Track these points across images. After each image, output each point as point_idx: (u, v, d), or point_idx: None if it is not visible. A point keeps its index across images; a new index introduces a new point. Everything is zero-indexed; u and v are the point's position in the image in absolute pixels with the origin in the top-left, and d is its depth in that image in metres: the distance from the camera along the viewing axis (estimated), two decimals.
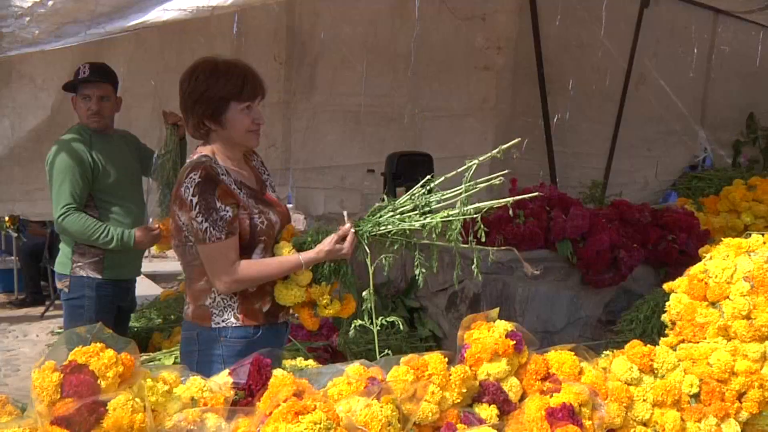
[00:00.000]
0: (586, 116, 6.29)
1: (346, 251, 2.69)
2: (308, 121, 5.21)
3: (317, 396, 1.98)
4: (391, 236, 2.75)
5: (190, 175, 2.58)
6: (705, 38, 6.49)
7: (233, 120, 2.67)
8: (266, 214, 2.72)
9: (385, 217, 2.76)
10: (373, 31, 5.25)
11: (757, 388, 2.64)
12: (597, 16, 6.00)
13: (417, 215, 2.71)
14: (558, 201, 4.26)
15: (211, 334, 2.71)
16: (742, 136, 6.49)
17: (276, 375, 2.09)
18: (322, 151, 5.33)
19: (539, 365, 2.42)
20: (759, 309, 2.75)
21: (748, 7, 5.23)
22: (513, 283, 4.09)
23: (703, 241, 4.28)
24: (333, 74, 5.20)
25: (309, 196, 5.41)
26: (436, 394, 2.18)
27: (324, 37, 5.08)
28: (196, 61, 2.71)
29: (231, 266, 2.61)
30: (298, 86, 5.11)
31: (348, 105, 5.35)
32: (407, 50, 5.42)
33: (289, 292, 2.72)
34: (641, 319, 3.70)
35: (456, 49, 5.61)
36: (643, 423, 2.57)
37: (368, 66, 5.28)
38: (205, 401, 2.00)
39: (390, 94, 5.46)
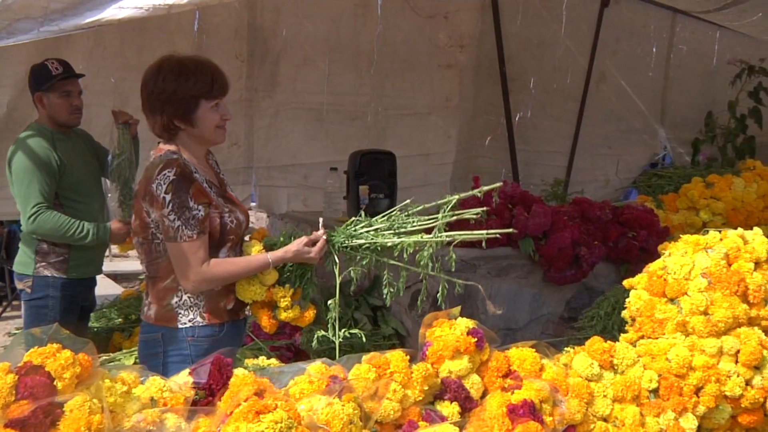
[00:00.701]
0: (547, 114, 6.34)
1: (313, 255, 2.72)
2: (271, 119, 5.18)
3: (278, 395, 1.97)
4: (362, 250, 2.78)
5: (163, 172, 2.56)
6: (664, 37, 6.57)
7: (203, 118, 2.67)
8: (234, 213, 2.74)
9: (359, 231, 2.79)
10: (335, 29, 5.24)
11: (714, 383, 2.68)
12: (558, 15, 6.05)
13: (391, 234, 2.75)
14: (520, 199, 4.27)
15: (178, 334, 2.69)
16: (701, 135, 6.56)
17: (237, 374, 2.08)
18: (284, 149, 5.30)
19: (500, 362, 2.44)
20: (716, 305, 2.79)
21: (705, 8, 5.30)
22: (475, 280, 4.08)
23: (662, 238, 4.32)
24: (295, 72, 5.18)
25: (272, 195, 5.38)
26: (397, 392, 2.19)
27: (286, 34, 5.05)
28: (159, 60, 2.69)
29: (200, 265, 2.60)
30: (260, 84, 5.08)
31: (311, 103, 5.33)
32: (370, 48, 5.41)
33: (250, 288, 2.72)
34: (602, 315, 3.73)
35: (419, 48, 5.62)
36: (604, 418, 2.60)
37: (331, 64, 5.27)
38: (164, 401, 1.98)
39: (353, 92, 5.45)
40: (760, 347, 2.72)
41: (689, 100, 6.79)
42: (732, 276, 2.83)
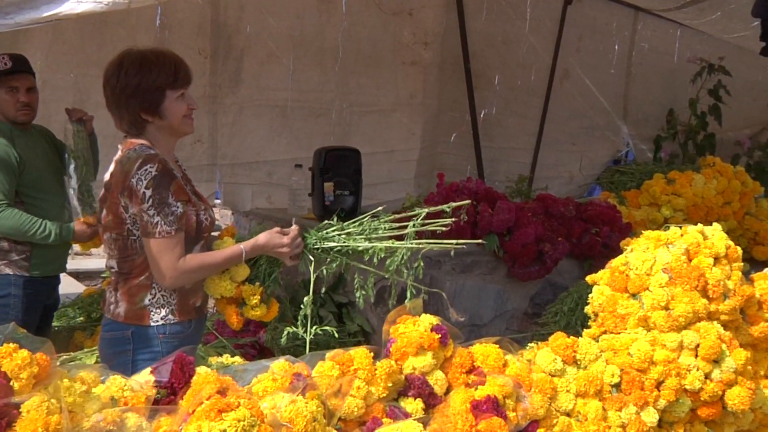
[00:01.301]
0: (512, 111, 6.37)
1: (284, 243, 2.71)
2: (235, 116, 5.14)
3: (241, 393, 1.95)
4: (333, 253, 2.81)
5: (144, 167, 2.54)
6: (626, 35, 6.64)
7: (171, 108, 2.65)
8: (207, 210, 2.74)
9: (331, 234, 2.82)
10: (299, 25, 5.21)
11: (675, 377, 2.71)
12: (522, 12, 6.09)
13: (363, 239, 2.79)
14: (485, 195, 4.29)
15: (149, 332, 2.68)
16: (663, 132, 6.65)
17: (199, 372, 2.06)
18: (249, 146, 5.27)
19: (464, 358, 2.44)
20: (677, 300, 2.82)
21: (666, 6, 5.36)
22: (441, 277, 4.11)
23: (625, 233, 4.37)
24: (259, 68, 5.15)
25: (236, 192, 5.34)
26: (361, 388, 2.18)
27: (250, 30, 5.01)
28: (119, 55, 2.66)
29: (177, 261, 2.59)
30: (224, 80, 5.04)
31: (275, 99, 5.29)
32: (335, 45, 5.40)
33: (221, 284, 2.71)
34: (565, 311, 3.76)
35: (383, 44, 5.61)
36: (567, 413, 2.62)
37: (295, 60, 5.24)
38: (125, 401, 1.96)
39: (317, 89, 5.43)
40: (719, 341, 2.76)
41: (651, 97, 6.87)
42: (692, 271, 2.87)
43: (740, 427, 2.93)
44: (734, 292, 2.90)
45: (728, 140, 6.93)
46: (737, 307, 2.90)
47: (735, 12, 5.00)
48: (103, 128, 3.71)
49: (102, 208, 2.70)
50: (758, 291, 3.13)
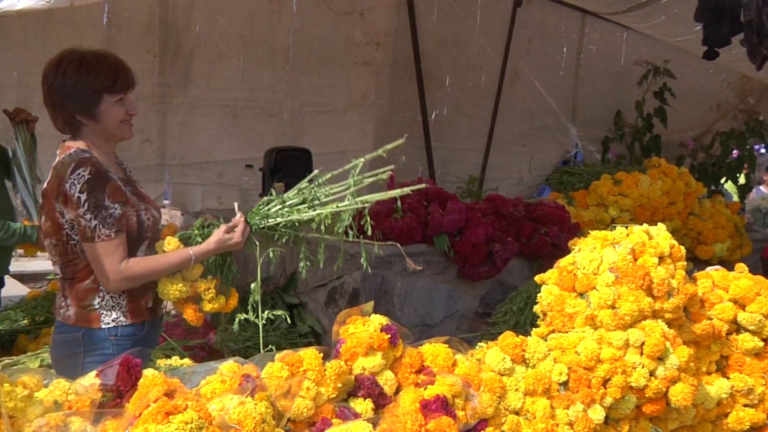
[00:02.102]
0: (463, 112, 6.41)
1: (235, 241, 2.68)
2: (184, 116, 5.09)
3: (189, 395, 1.93)
4: (279, 229, 2.75)
5: (77, 171, 2.49)
6: (574, 38, 6.73)
7: (107, 113, 2.61)
8: (150, 210, 2.70)
9: (274, 209, 2.76)
10: (250, 24, 5.18)
11: (620, 374, 2.75)
12: (472, 13, 6.13)
13: (306, 208, 2.73)
14: (435, 196, 4.31)
15: (100, 334, 2.63)
16: (610, 133, 6.76)
17: (146, 375, 2.03)
18: (199, 146, 5.22)
19: (414, 358, 2.45)
20: (623, 299, 2.86)
21: (613, 9, 5.44)
22: (392, 277, 4.12)
23: (573, 233, 4.43)
24: (209, 68, 5.10)
25: (186, 192, 5.29)
26: (311, 389, 2.18)
27: (199, 30, 4.97)
28: (60, 53, 2.61)
29: (119, 264, 2.55)
30: (173, 80, 4.98)
31: (225, 99, 5.26)
32: (286, 45, 5.38)
33: (174, 287, 2.66)
34: (515, 310, 3.81)
35: (335, 45, 5.61)
36: (516, 411, 2.64)
37: (246, 60, 5.21)
38: (69, 404, 1.92)
39: (269, 89, 5.41)
40: (663, 339, 2.81)
41: (599, 99, 6.98)
42: (638, 270, 2.91)
43: (683, 423, 2.99)
44: (678, 291, 2.95)
45: (673, 142, 7.08)
46: (681, 305, 2.95)
47: (679, 16, 5.10)
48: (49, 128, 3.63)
49: (41, 215, 2.66)
50: (700, 289, 3.20)
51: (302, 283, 4.48)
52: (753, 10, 3.79)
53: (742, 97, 7.54)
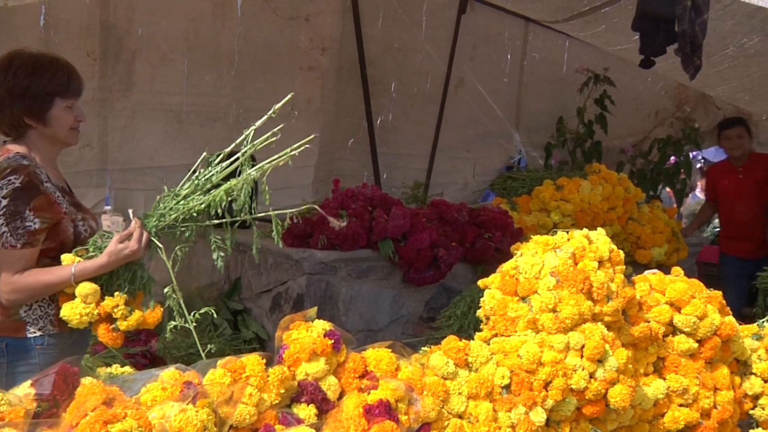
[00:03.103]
0: (408, 118, 6.44)
1: (131, 249, 2.51)
2: (126, 120, 5.01)
3: (129, 403, 1.91)
4: (179, 225, 2.60)
5: (8, 177, 2.45)
6: (517, 45, 6.81)
7: (58, 117, 2.58)
8: (87, 221, 2.66)
9: (168, 206, 2.62)
10: (194, 28, 5.13)
11: (561, 377, 2.80)
12: (417, 20, 6.16)
13: (201, 194, 2.59)
14: (380, 201, 4.33)
15: (25, 343, 2.58)
16: (553, 139, 6.85)
17: (84, 383, 2.00)
18: (142, 151, 5.14)
19: (357, 363, 2.46)
20: (563, 302, 2.91)
21: (554, 18, 5.53)
22: (337, 283, 4.13)
23: (516, 238, 4.49)
24: (152, 72, 5.03)
25: (128, 198, 5.20)
26: (253, 395, 2.17)
27: (142, 33, 4.89)
28: (9, 55, 2.58)
29: (12, 276, 2.47)
30: (115, 84, 4.90)
31: (169, 104, 5.19)
32: (230, 49, 5.33)
33: (75, 312, 2.49)
34: (458, 315, 3.84)
35: (280, 49, 5.58)
36: (459, 415, 2.68)
37: (190, 64, 5.15)
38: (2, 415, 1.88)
39: (213, 93, 5.35)
40: (603, 342, 2.87)
41: (542, 105, 7.07)
42: (578, 274, 2.96)
43: (621, 423, 3.05)
44: (617, 294, 3.02)
45: (613, 148, 7.21)
46: (620, 308, 3.02)
47: (618, 26, 5.20)
48: None
49: None
50: (639, 293, 3.27)
51: (247, 289, 4.46)
52: (686, 21, 3.89)
53: (678, 105, 7.72)
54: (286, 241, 4.23)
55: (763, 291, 4.87)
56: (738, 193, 6.14)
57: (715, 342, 3.26)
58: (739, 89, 6.35)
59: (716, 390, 3.26)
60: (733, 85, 6.30)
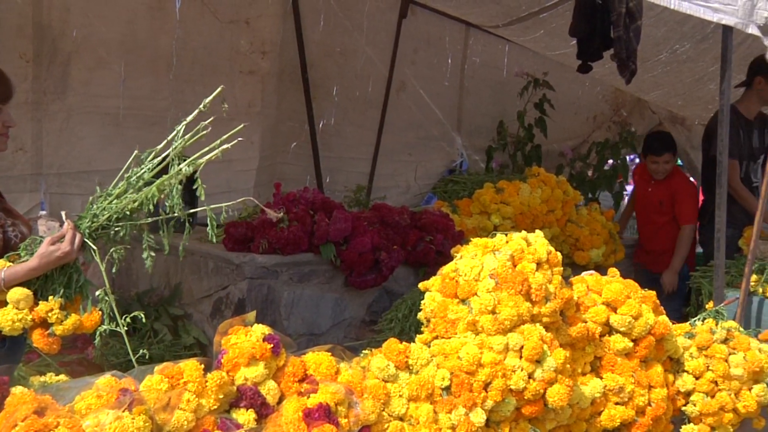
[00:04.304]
0: (350, 122, 6.44)
1: (63, 251, 2.43)
2: (62, 123, 4.90)
3: (62, 412, 1.88)
4: (113, 224, 2.54)
5: None
6: (458, 49, 6.87)
7: None
8: (18, 226, 2.59)
9: (101, 206, 2.56)
10: (130, 31, 5.04)
11: (501, 378, 2.83)
12: (358, 24, 6.17)
13: (133, 193, 2.54)
14: (321, 205, 4.32)
15: None
16: (494, 143, 6.93)
17: (14, 393, 1.95)
18: (78, 154, 5.03)
19: (297, 367, 2.45)
20: (502, 304, 2.95)
21: (494, 23, 5.60)
22: (278, 287, 4.10)
23: (458, 241, 4.51)
24: (88, 75, 4.93)
25: (64, 203, 5.08)
26: (191, 401, 2.15)
27: (77, 35, 4.79)
28: None
29: None
30: (49, 86, 4.79)
31: (106, 107, 5.09)
32: (169, 52, 5.26)
33: (7, 318, 2.40)
34: (400, 318, 3.86)
35: (220, 53, 5.53)
36: (400, 417, 2.69)
37: (127, 67, 5.06)
38: None
39: (151, 97, 5.27)
40: (541, 342, 2.91)
41: (483, 109, 7.14)
42: (516, 276, 3.00)
43: (560, 422, 3.10)
44: (555, 296, 3.07)
45: (553, 151, 7.33)
46: (557, 309, 3.07)
47: (556, 30, 5.30)
48: None
49: None
50: (576, 294, 3.33)
51: (187, 294, 4.40)
52: (621, 27, 3.98)
53: (615, 109, 7.89)
54: (226, 246, 4.19)
55: (696, 290, 4.99)
56: (644, 204, 6.06)
57: (650, 341, 3.34)
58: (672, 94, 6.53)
59: (650, 388, 3.34)
60: (666, 90, 6.47)
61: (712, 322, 3.78)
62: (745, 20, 3.64)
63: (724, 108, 3.99)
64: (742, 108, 5.30)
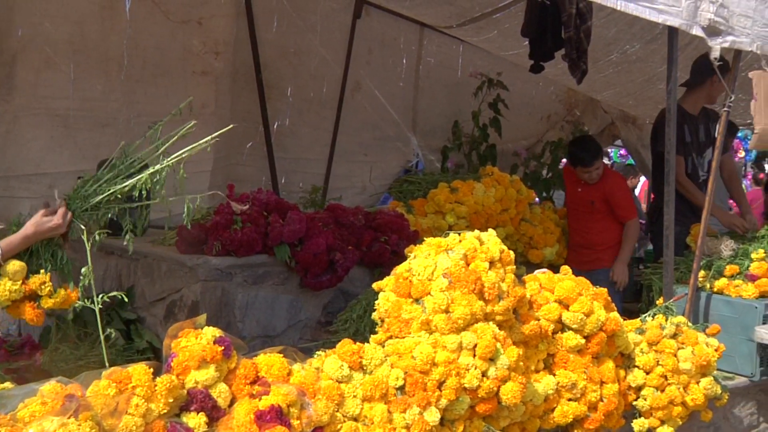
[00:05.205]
0: (305, 122, 6.41)
1: (55, 222, 2.58)
2: (9, 125, 4.80)
3: (3, 420, 1.83)
4: (103, 206, 2.72)
5: None
6: (413, 50, 6.87)
7: None
8: None
9: (91, 188, 2.72)
10: (79, 31, 4.96)
11: (455, 376, 2.85)
12: (312, 24, 6.15)
13: (122, 178, 2.73)
14: (276, 206, 4.29)
15: None
16: (449, 143, 6.95)
17: None
18: (26, 157, 4.94)
19: (248, 369, 2.44)
20: (456, 303, 2.96)
21: (448, 23, 5.63)
22: (232, 289, 4.07)
23: (412, 241, 4.52)
24: (36, 75, 4.83)
25: (12, 206, 4.97)
26: (140, 406, 2.12)
27: (22, 34, 4.69)
28: None
29: None
30: None
31: (55, 108, 4.99)
32: (119, 53, 5.18)
33: (3, 289, 2.51)
34: (354, 318, 3.85)
35: (172, 53, 5.47)
36: (354, 418, 2.68)
37: (76, 68, 4.97)
38: None
39: (102, 98, 5.18)
40: (494, 340, 2.93)
41: (438, 109, 7.15)
42: (470, 275, 3.02)
43: (513, 420, 3.13)
44: (508, 294, 3.09)
45: (508, 151, 7.37)
46: (510, 307, 3.09)
47: (509, 31, 5.34)
48: None
49: None
50: (529, 292, 3.36)
51: (140, 297, 4.34)
52: (572, 28, 4.02)
53: (569, 108, 7.96)
54: (179, 248, 4.15)
55: (647, 287, 5.06)
56: (575, 204, 5.79)
57: (601, 337, 3.38)
58: (624, 94, 6.62)
59: (602, 383, 3.38)
60: (618, 90, 6.56)
61: (662, 318, 3.85)
62: (689, 21, 3.70)
63: (671, 107, 4.05)
64: (688, 105, 5.36)
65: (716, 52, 3.86)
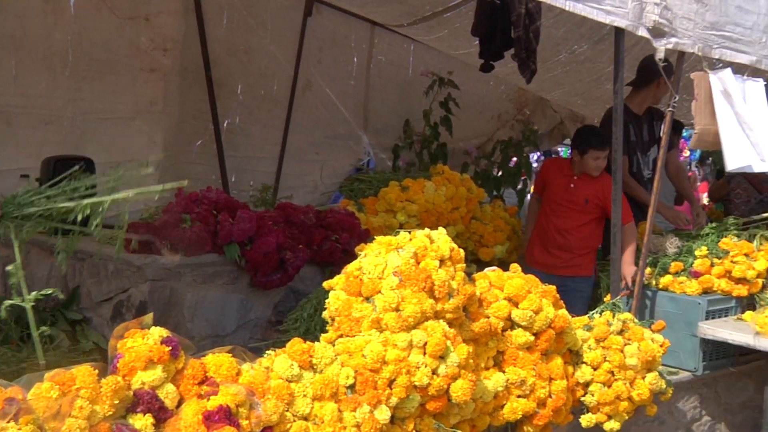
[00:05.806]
0: (256, 120, 6.37)
1: None
2: None
3: None
4: (35, 219, 2.71)
5: None
6: (364, 48, 6.87)
7: None
8: None
9: (30, 199, 2.70)
10: (21, 26, 4.84)
11: (405, 374, 2.85)
12: (262, 22, 6.11)
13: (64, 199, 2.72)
14: (225, 205, 4.25)
15: None
16: (400, 141, 6.96)
17: None
18: None
19: (196, 370, 2.41)
20: (406, 301, 2.97)
21: (399, 22, 5.65)
22: (181, 289, 4.02)
23: (363, 240, 4.51)
24: None
25: None
26: (84, 408, 2.08)
27: None
28: None
29: None
30: None
31: None
32: (64, 48, 5.08)
33: None
34: (305, 317, 3.84)
35: (119, 50, 5.38)
36: (304, 417, 2.67)
37: (18, 64, 4.86)
38: None
39: (46, 95, 5.08)
40: (444, 338, 2.94)
41: (389, 108, 7.16)
42: (420, 273, 3.03)
43: (463, 417, 3.14)
44: (458, 292, 3.11)
45: (459, 150, 7.41)
46: (460, 305, 3.11)
47: (460, 30, 5.37)
48: None
49: None
50: (479, 290, 3.38)
51: (86, 298, 4.26)
52: (521, 27, 4.05)
53: (519, 108, 8.03)
54: (127, 248, 4.08)
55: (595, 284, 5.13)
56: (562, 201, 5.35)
57: (550, 334, 3.42)
58: (572, 93, 6.71)
59: (551, 380, 3.42)
60: (566, 90, 6.64)
61: (609, 315, 3.90)
62: (635, 23, 3.76)
63: (618, 107, 4.11)
64: (634, 105, 5.44)
65: (661, 53, 3.93)
